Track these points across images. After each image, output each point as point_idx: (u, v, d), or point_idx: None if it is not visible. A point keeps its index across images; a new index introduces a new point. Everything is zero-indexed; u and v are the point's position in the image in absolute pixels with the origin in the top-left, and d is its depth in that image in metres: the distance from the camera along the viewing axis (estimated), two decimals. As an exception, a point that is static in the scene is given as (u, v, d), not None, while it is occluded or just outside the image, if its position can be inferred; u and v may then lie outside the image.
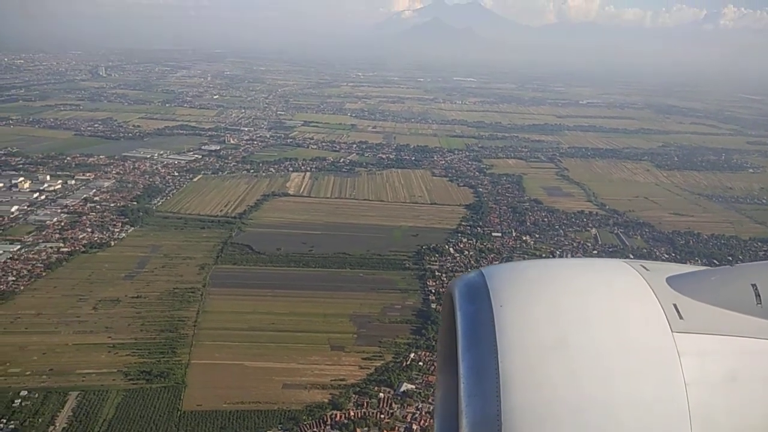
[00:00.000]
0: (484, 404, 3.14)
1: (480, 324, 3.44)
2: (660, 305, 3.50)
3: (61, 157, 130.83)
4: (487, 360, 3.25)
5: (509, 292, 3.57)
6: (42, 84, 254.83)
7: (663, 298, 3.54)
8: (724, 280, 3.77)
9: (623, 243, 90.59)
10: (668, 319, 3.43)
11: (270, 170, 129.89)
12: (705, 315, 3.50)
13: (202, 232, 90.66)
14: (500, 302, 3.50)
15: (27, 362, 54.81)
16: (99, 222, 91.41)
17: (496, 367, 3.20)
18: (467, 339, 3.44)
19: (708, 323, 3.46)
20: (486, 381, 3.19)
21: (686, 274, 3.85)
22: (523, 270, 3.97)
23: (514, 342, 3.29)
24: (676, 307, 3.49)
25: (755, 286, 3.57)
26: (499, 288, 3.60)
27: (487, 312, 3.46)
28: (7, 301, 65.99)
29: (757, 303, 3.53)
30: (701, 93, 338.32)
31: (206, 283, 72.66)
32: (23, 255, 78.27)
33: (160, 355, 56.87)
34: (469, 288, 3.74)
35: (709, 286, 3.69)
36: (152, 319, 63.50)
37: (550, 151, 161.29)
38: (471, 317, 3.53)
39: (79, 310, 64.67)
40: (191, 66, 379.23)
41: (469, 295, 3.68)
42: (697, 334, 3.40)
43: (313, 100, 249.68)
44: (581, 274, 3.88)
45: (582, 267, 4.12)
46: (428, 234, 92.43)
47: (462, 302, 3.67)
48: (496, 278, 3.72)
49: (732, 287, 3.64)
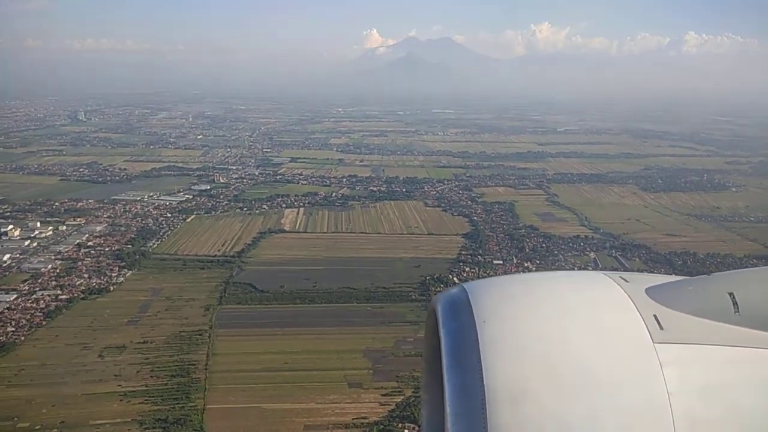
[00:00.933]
0: (470, 422, 3.14)
1: (464, 341, 3.42)
2: (641, 316, 3.53)
3: (49, 203, 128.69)
4: (472, 378, 3.23)
5: (492, 307, 3.58)
6: (21, 130, 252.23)
7: (643, 309, 3.58)
8: (702, 290, 3.80)
9: (623, 265, 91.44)
10: (649, 329, 3.47)
11: (263, 207, 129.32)
12: (685, 325, 3.54)
13: (202, 272, 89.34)
14: (483, 318, 3.50)
15: (36, 416, 52.77)
16: (95, 267, 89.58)
17: (482, 385, 3.18)
18: (451, 356, 3.42)
19: (688, 333, 3.50)
20: (471, 399, 3.17)
21: (665, 285, 3.89)
22: (505, 284, 3.97)
23: (498, 358, 3.28)
24: (657, 318, 3.53)
25: (732, 294, 3.62)
26: (481, 303, 3.61)
27: (471, 328, 3.45)
28: (9, 353, 63.82)
29: (735, 311, 3.58)
30: (674, 117, 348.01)
31: (213, 324, 71.34)
32: (20, 304, 76.13)
33: (173, 401, 55.24)
34: (451, 304, 3.73)
35: (687, 295, 3.74)
36: (161, 364, 61.90)
37: (537, 178, 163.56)
38: (454, 334, 3.52)
39: (85, 358, 62.84)
40: (171, 108, 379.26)
41: (452, 311, 3.67)
42: (678, 344, 3.44)
43: (297, 137, 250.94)
44: (562, 287, 3.91)
45: (563, 280, 4.15)
46: (430, 264, 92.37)
47: (445, 319, 3.66)
48: (478, 293, 3.72)
49: (710, 296, 3.68)
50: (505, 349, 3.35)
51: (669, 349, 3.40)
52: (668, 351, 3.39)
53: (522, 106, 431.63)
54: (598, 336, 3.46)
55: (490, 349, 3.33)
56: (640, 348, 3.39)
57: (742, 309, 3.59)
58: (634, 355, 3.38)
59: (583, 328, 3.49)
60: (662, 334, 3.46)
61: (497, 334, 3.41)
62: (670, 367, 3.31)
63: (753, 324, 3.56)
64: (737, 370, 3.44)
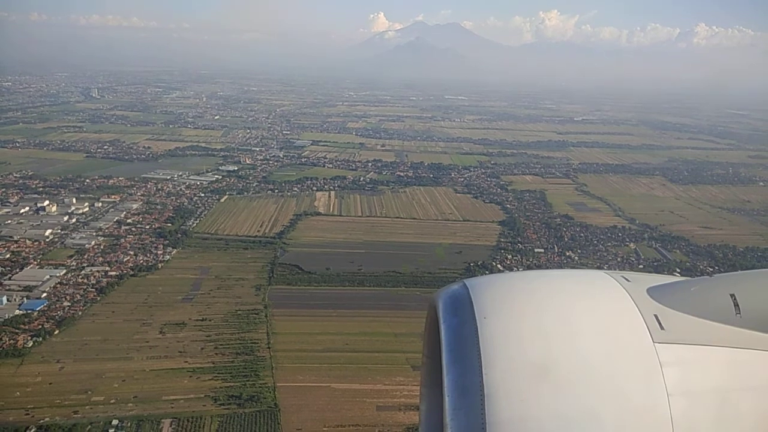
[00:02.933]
0: (469, 417, 3.13)
1: (464, 337, 3.43)
2: (641, 316, 3.53)
3: (79, 179, 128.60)
4: (472, 373, 3.24)
5: (493, 304, 3.58)
6: (37, 106, 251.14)
7: (644, 309, 3.58)
8: (703, 291, 3.79)
9: (664, 257, 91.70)
10: (650, 329, 3.46)
11: (293, 190, 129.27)
12: (686, 325, 3.54)
13: (246, 252, 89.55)
14: (484, 314, 3.49)
15: (108, 390, 53.20)
16: (139, 244, 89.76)
17: (481, 381, 3.19)
18: (451, 352, 3.43)
19: (689, 333, 3.50)
20: (470, 394, 3.17)
21: (666, 285, 3.89)
22: (507, 282, 3.97)
23: (498, 355, 3.29)
24: (657, 318, 3.53)
25: (734, 296, 3.62)
26: (482, 300, 3.61)
27: (471, 324, 3.46)
28: (69, 328, 64.22)
29: (736, 313, 3.57)
30: (688, 109, 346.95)
31: (267, 304, 71.63)
32: (71, 279, 76.44)
33: (243, 378, 55.68)
34: (453, 300, 3.74)
35: (689, 296, 3.73)
36: (224, 342, 62.29)
37: (562, 167, 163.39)
38: (455, 330, 3.52)
39: (146, 334, 63.20)
40: (182, 87, 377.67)
41: (453, 307, 3.67)
42: (679, 345, 3.43)
43: (314, 120, 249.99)
44: (564, 285, 3.92)
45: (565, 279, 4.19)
46: (470, 251, 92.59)
47: (446, 314, 3.66)
48: (479, 290, 3.72)
49: (711, 298, 3.68)
50: (505, 345, 3.35)
51: (669, 349, 3.40)
52: (668, 351, 3.39)
53: (534, 94, 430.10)
54: (599, 335, 3.46)
55: (490, 346, 3.33)
56: (641, 347, 3.39)
57: (744, 311, 3.58)
58: (634, 354, 3.37)
59: (584, 327, 3.49)
60: (663, 335, 3.46)
61: (497, 331, 3.41)
62: (670, 368, 3.32)
63: (754, 326, 3.56)
64: (737, 371, 3.45)
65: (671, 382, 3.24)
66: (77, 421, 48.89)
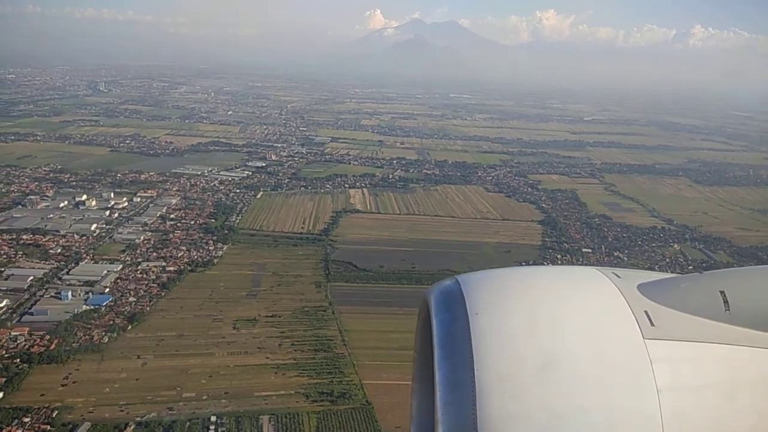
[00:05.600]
0: (460, 412, 3.17)
1: (456, 332, 3.45)
2: (632, 312, 3.56)
3: (109, 173, 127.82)
4: (463, 368, 3.27)
5: (485, 300, 3.59)
6: (47, 99, 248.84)
7: (634, 305, 3.59)
8: (693, 287, 3.84)
9: (710, 258, 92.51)
10: (640, 325, 3.50)
11: (326, 186, 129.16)
12: (676, 322, 3.58)
13: (296, 249, 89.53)
14: (476, 310, 3.51)
15: (197, 386, 53.10)
16: (188, 240, 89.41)
17: (472, 376, 3.22)
18: (443, 347, 3.45)
19: (679, 330, 3.54)
20: (462, 389, 3.21)
21: (657, 281, 3.94)
22: (498, 277, 3.97)
23: (489, 350, 3.32)
24: (648, 314, 3.56)
25: (723, 293, 3.65)
26: (474, 295, 3.62)
27: (463, 320, 3.47)
28: (141, 323, 63.93)
29: (725, 310, 3.62)
30: (693, 111, 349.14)
31: (331, 301, 71.67)
32: (130, 275, 76.05)
33: (329, 375, 55.78)
34: (444, 295, 3.74)
35: (679, 293, 3.77)
36: (299, 338, 62.35)
37: (586, 167, 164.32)
38: (447, 325, 3.53)
39: (220, 330, 63.13)
40: (187, 82, 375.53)
41: (445, 303, 3.68)
42: (669, 341, 3.47)
43: (327, 117, 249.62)
44: (555, 281, 3.96)
45: (556, 274, 4.22)
46: (518, 250, 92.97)
47: (438, 310, 3.67)
48: (471, 286, 3.73)
49: (701, 294, 3.71)
50: (496, 341, 3.37)
51: (659, 345, 3.43)
52: (659, 347, 3.42)
53: (537, 94, 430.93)
54: (589, 331, 3.48)
55: (482, 341, 3.34)
56: (631, 344, 3.41)
57: (733, 307, 3.61)
58: (624, 350, 3.38)
59: (575, 323, 3.51)
60: (653, 331, 3.49)
61: (489, 327, 3.42)
62: (661, 364, 3.35)
63: (744, 322, 3.60)
64: (727, 367, 3.49)
65: (661, 378, 3.27)
66: (174, 417, 48.77)
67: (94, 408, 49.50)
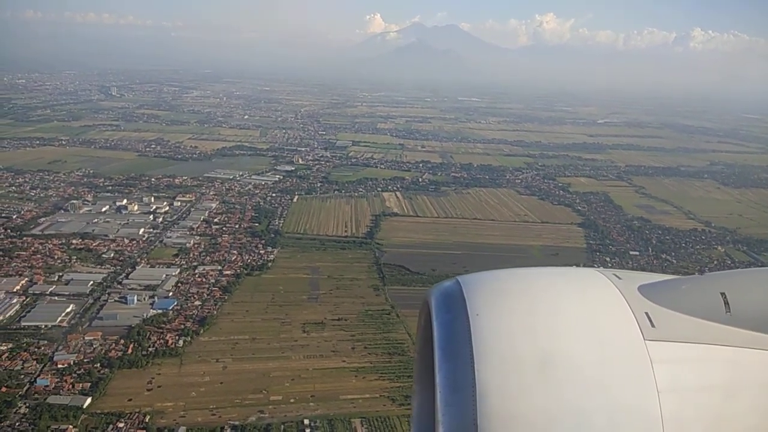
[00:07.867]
0: (461, 413, 3.17)
1: (456, 333, 3.44)
2: (632, 313, 3.56)
3: (143, 178, 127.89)
4: (464, 369, 3.27)
5: (485, 301, 3.57)
6: (62, 104, 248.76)
7: (635, 306, 3.61)
8: (694, 289, 3.85)
9: (757, 260, 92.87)
10: (641, 327, 3.49)
11: (359, 190, 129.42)
12: (676, 323, 3.58)
13: (345, 252, 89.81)
14: (476, 311, 3.50)
15: (282, 389, 53.25)
16: (238, 244, 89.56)
17: (473, 377, 3.22)
18: (444, 348, 3.44)
19: (679, 331, 3.54)
20: (462, 390, 3.21)
21: (657, 283, 3.94)
22: (499, 278, 3.95)
23: (490, 351, 3.31)
24: (648, 316, 3.56)
25: (724, 294, 3.67)
26: (475, 297, 3.60)
27: (464, 321, 3.46)
28: (212, 327, 64.04)
29: (726, 311, 3.62)
30: (702, 113, 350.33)
31: (393, 305, 71.84)
32: (190, 278, 76.16)
33: (408, 379, 55.70)
34: (445, 297, 3.73)
35: (679, 294, 3.78)
36: (369, 342, 62.59)
37: (612, 170, 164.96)
38: (447, 326, 3.53)
39: (291, 333, 63.31)
40: (197, 86, 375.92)
41: (446, 304, 3.66)
42: (669, 342, 3.47)
43: (342, 120, 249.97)
44: (556, 282, 3.95)
45: (557, 276, 4.18)
46: (565, 253, 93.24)
47: (438, 311, 3.66)
48: (472, 287, 3.71)
49: (702, 296, 3.73)
50: (497, 342, 3.36)
51: (660, 347, 3.43)
52: (659, 349, 3.42)
53: (545, 97, 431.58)
54: (590, 332, 3.48)
55: (482, 342, 3.33)
56: (632, 345, 3.41)
57: (734, 309, 3.63)
58: (625, 351, 3.39)
59: (575, 324, 3.50)
60: (654, 332, 3.50)
61: (490, 328, 3.42)
62: (661, 365, 3.35)
63: (744, 324, 3.62)
64: (728, 369, 3.52)
65: (662, 379, 3.28)
66: (267, 420, 48.87)
67: (185, 412, 49.58)
